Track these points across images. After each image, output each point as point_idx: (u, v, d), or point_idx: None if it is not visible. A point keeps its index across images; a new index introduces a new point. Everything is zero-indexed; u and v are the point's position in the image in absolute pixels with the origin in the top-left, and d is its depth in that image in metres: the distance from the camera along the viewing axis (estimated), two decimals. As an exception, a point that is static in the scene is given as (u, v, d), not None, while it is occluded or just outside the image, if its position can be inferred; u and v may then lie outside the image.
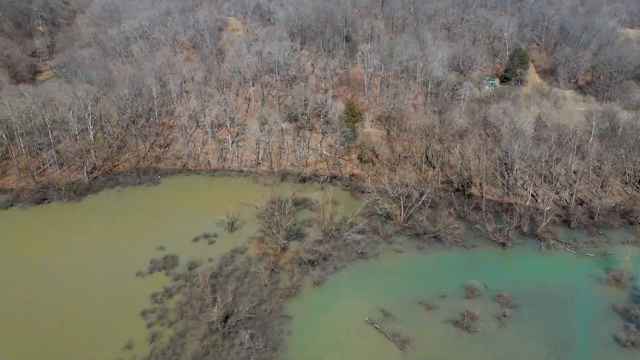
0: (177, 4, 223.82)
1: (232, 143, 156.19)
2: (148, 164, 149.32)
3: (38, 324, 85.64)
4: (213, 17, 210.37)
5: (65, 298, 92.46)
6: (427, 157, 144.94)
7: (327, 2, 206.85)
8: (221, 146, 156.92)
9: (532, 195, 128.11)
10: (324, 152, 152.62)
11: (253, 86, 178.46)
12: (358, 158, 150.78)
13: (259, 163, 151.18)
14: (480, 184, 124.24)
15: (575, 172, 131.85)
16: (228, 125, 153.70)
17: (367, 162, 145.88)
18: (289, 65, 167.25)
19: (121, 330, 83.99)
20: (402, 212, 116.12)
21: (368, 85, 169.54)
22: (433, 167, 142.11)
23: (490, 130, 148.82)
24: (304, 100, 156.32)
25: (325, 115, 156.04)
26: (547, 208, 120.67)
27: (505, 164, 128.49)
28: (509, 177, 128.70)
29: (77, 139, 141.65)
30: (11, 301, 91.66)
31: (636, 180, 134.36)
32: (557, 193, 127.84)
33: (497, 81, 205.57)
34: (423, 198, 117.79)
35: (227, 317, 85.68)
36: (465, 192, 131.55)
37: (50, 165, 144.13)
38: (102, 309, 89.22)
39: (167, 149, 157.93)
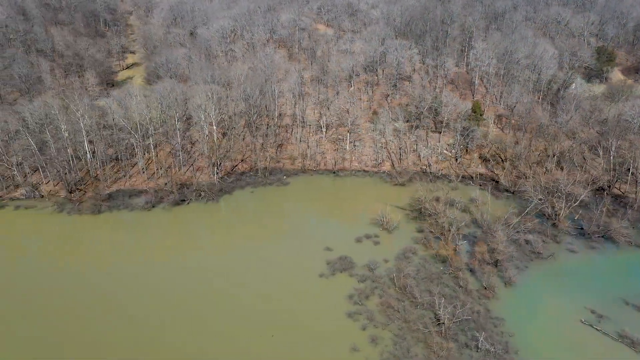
0: (258, 4, 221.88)
1: (349, 143, 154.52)
2: (266, 165, 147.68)
3: (256, 326, 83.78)
4: (300, 16, 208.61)
5: (259, 296, 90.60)
6: (549, 155, 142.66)
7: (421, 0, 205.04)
8: (336, 146, 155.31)
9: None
10: (445, 151, 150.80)
11: (352, 86, 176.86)
12: (480, 157, 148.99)
13: (380, 162, 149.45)
14: (636, 182, 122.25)
15: None
16: (349, 123, 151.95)
17: (493, 162, 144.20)
18: (402, 64, 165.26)
19: (338, 333, 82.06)
20: (564, 212, 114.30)
21: (477, 84, 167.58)
22: (561, 168, 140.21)
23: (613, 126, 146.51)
24: (419, 100, 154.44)
25: (437, 114, 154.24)
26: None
27: None
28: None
29: (208, 140, 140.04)
30: (204, 302, 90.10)
31: None
32: None
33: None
34: (582, 196, 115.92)
35: (438, 319, 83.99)
36: (607, 192, 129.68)
37: (174, 165, 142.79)
38: (308, 310, 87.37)
39: (279, 149, 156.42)
